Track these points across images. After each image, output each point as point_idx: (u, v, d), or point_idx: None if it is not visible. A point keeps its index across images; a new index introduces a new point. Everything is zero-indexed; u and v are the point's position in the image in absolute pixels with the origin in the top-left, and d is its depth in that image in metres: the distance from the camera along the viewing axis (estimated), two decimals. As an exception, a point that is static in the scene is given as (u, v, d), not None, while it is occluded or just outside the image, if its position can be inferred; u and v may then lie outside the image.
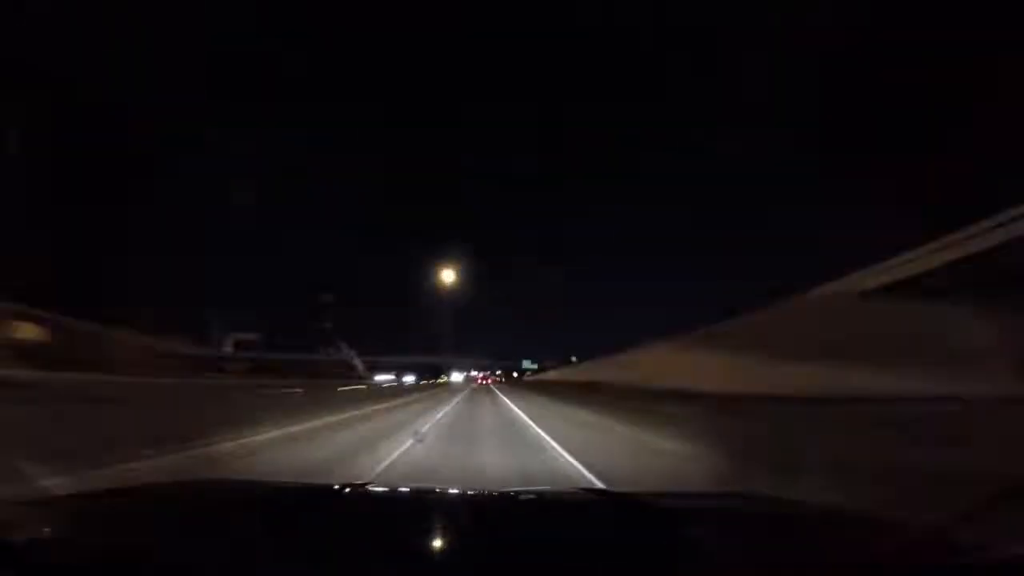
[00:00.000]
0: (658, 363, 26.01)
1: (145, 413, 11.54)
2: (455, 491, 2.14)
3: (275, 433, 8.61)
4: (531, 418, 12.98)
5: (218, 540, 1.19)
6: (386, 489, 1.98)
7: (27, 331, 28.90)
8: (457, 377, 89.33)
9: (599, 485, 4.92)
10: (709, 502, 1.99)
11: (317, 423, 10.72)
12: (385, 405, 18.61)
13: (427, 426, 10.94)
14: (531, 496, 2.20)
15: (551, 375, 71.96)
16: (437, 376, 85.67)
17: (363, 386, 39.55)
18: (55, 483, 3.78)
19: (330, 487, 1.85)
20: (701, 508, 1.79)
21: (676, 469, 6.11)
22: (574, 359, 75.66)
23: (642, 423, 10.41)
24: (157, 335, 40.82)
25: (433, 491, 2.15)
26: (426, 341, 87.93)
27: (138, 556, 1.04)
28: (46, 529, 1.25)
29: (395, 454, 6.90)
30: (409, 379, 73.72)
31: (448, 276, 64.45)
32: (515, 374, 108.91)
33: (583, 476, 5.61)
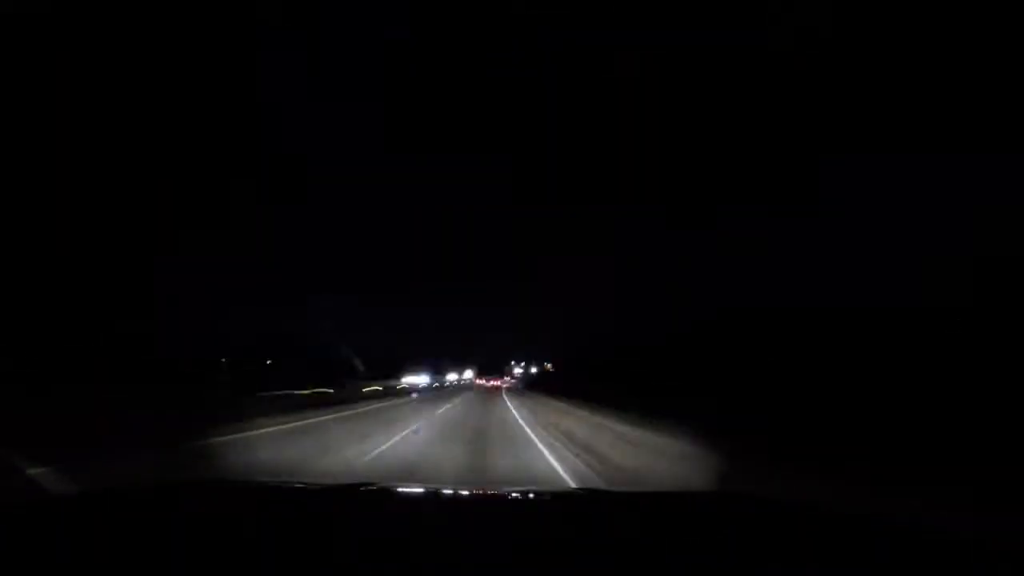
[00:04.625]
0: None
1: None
2: (451, 490, 2.16)
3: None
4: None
5: (218, 541, 1.20)
6: (383, 488, 1.99)
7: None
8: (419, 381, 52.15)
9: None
10: (707, 502, 1.99)
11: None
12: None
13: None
14: (529, 496, 2.21)
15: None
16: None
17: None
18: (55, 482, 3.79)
19: (327, 487, 1.86)
20: (698, 508, 1.79)
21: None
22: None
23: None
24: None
25: (430, 490, 2.17)
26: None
27: (138, 558, 1.05)
28: (45, 531, 1.25)
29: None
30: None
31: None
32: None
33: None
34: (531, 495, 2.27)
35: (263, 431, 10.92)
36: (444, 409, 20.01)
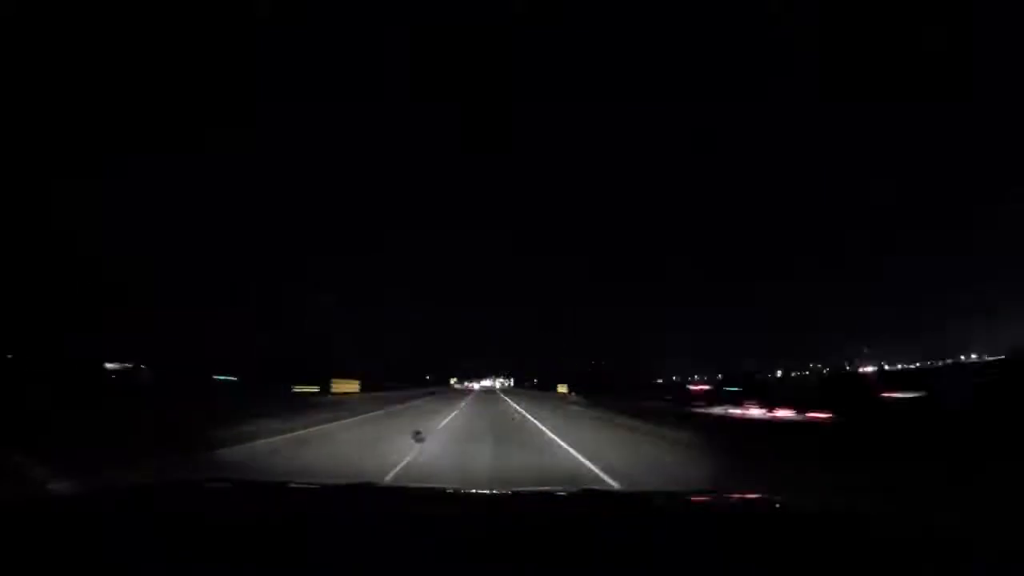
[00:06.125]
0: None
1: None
2: (452, 490, 2.16)
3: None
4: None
5: (219, 540, 1.20)
6: (390, 489, 1.99)
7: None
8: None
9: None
10: (712, 502, 1.99)
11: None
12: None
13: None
14: (530, 496, 2.21)
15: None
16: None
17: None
18: (56, 484, 3.79)
19: (335, 487, 1.86)
20: (698, 508, 1.79)
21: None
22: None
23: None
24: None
25: (431, 490, 2.17)
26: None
27: (138, 556, 1.05)
28: (46, 530, 1.25)
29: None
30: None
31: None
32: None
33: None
34: (532, 495, 2.27)
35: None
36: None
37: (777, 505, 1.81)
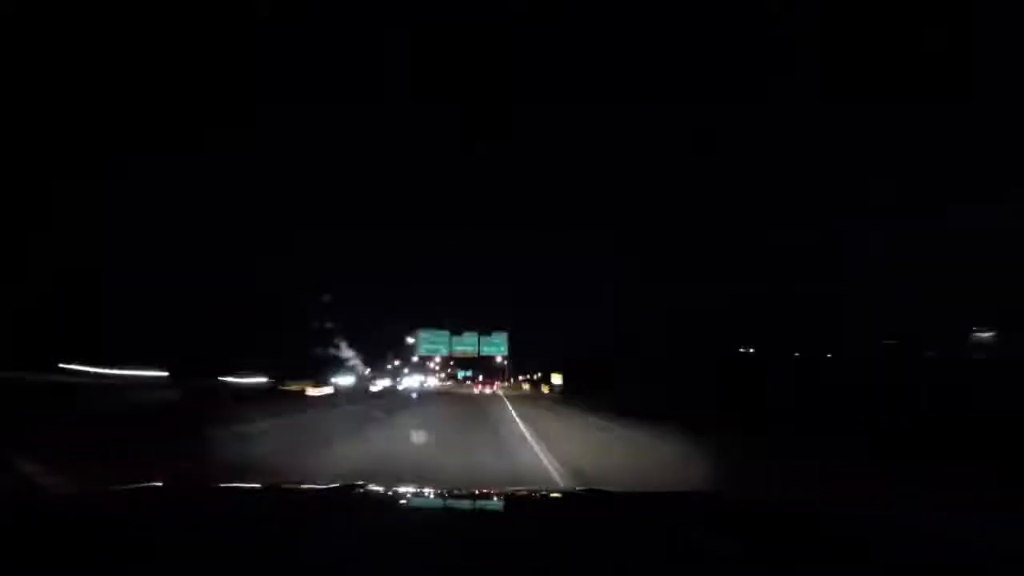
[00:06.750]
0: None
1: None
2: (446, 490, 2.15)
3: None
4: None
5: (214, 543, 1.20)
6: (379, 490, 1.99)
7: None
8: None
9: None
10: (707, 502, 1.99)
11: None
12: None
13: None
14: (526, 496, 2.21)
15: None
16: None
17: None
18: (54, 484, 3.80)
19: (319, 488, 1.86)
20: (698, 508, 1.79)
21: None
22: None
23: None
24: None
25: (423, 491, 2.16)
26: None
27: (132, 559, 1.05)
28: (42, 530, 1.25)
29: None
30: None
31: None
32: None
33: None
34: (527, 495, 2.27)
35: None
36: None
37: (776, 505, 1.81)
